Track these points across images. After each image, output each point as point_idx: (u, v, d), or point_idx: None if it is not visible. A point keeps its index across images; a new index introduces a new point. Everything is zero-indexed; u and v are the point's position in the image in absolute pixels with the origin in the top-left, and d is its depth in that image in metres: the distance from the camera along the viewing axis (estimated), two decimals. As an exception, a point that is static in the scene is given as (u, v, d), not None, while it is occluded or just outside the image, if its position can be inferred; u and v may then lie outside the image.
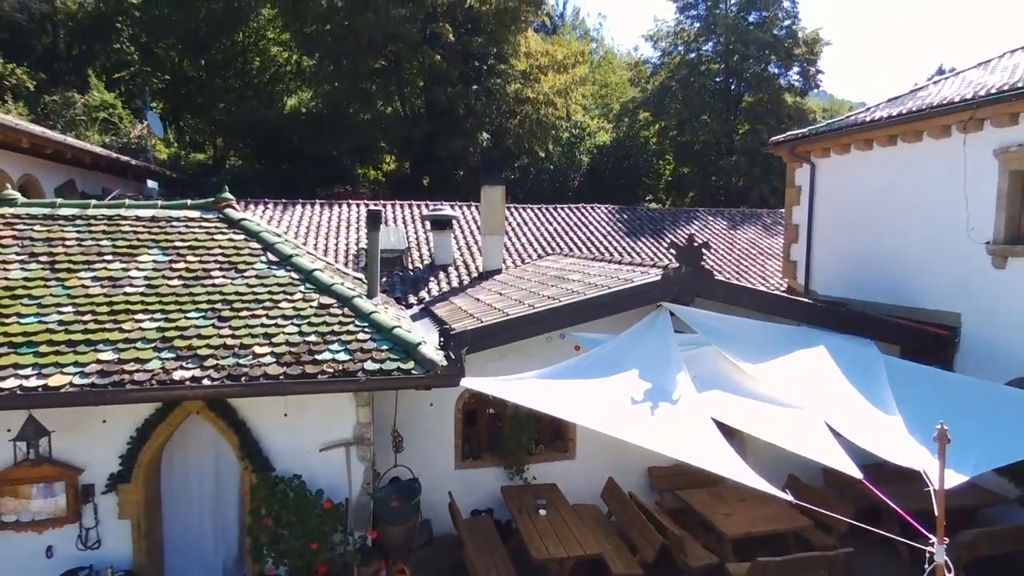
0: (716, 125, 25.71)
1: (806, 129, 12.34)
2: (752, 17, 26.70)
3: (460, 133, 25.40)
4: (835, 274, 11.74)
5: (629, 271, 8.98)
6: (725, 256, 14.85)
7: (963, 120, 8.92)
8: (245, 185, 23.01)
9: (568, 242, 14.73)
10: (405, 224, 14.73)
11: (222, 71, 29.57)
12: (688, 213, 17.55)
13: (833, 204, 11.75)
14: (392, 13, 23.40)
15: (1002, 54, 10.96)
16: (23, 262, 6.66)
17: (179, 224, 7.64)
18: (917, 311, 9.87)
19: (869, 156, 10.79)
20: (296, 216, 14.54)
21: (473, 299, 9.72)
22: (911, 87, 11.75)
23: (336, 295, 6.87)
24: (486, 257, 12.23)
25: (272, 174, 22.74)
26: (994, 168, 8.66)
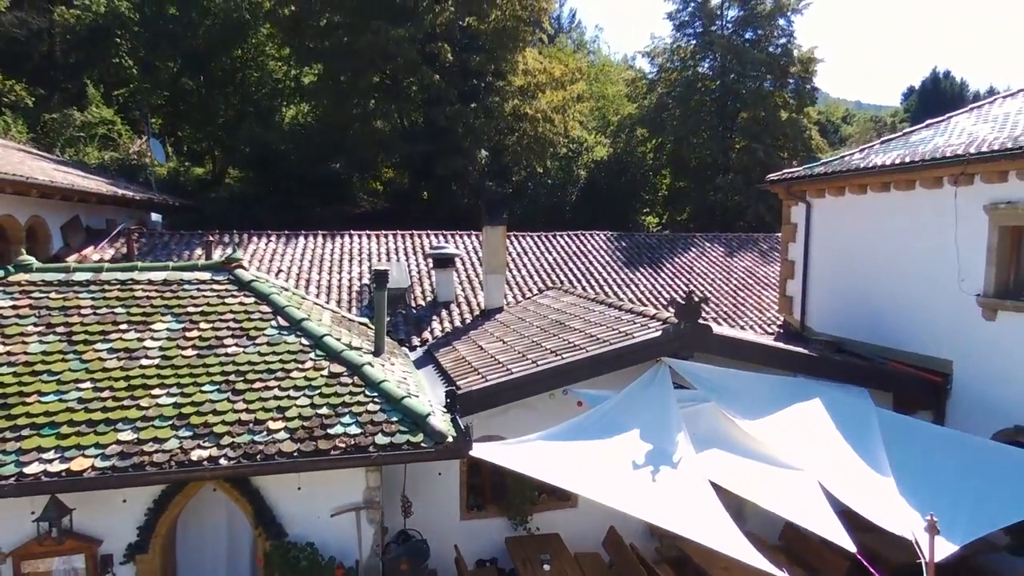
0: (712, 143, 25.94)
1: (801, 169, 12.57)
2: (748, 34, 26.93)
3: (459, 152, 25.60)
4: (831, 312, 11.97)
5: (629, 321, 9.18)
6: (722, 287, 15.07)
7: (954, 174, 9.16)
8: (245, 205, 23.21)
9: (567, 273, 14.93)
10: (407, 255, 14.92)
11: (221, 87, 29.68)
12: (685, 239, 17.77)
13: (828, 243, 11.98)
14: (391, 34, 23.58)
15: (993, 99, 11.23)
16: (41, 334, 6.85)
17: (191, 288, 7.82)
18: (910, 355, 10.11)
19: (863, 200, 11.01)
20: (299, 249, 14.70)
21: (476, 346, 9.92)
22: (903, 131, 12.00)
23: (346, 362, 7.06)
24: (488, 295, 12.43)
25: (272, 195, 22.87)
26: (984, 222, 8.90)
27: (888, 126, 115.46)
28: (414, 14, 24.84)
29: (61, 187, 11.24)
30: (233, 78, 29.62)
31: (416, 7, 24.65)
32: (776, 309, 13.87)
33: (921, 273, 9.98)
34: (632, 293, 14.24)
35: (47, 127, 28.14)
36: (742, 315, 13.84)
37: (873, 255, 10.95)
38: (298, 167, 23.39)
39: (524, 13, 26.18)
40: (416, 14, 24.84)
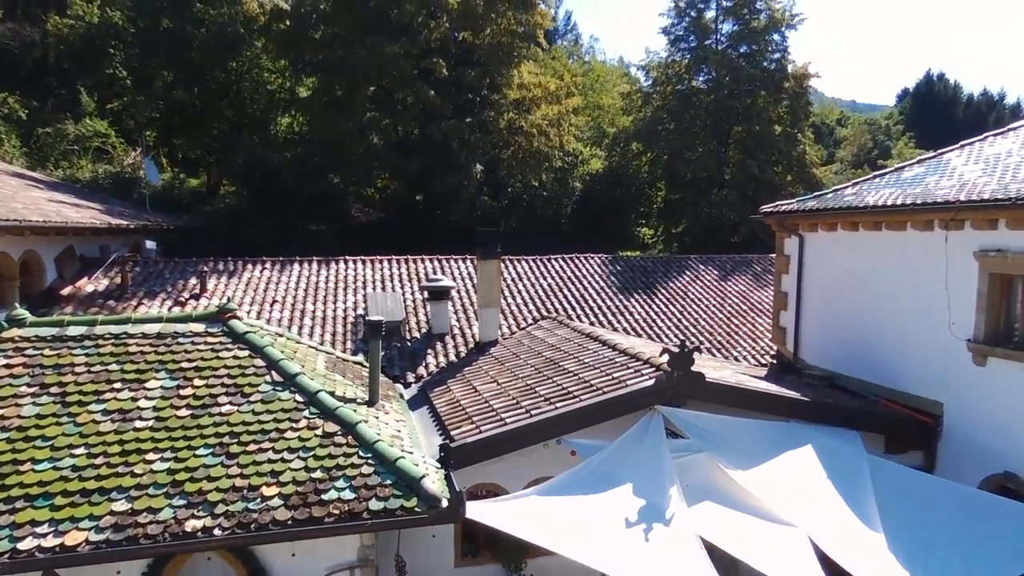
0: (707, 158, 26.00)
1: (794, 202, 12.63)
2: (743, 48, 26.99)
3: (454, 167, 25.61)
4: (823, 345, 12.04)
5: (622, 365, 9.22)
6: (716, 313, 15.13)
7: (945, 219, 9.23)
8: (240, 223, 23.12)
9: (562, 300, 14.98)
10: (401, 283, 14.94)
11: (216, 100, 29.60)
12: (679, 262, 17.83)
13: (821, 277, 12.04)
14: (386, 50, 23.56)
15: (984, 137, 11.30)
16: (35, 395, 6.85)
17: (185, 341, 7.82)
18: (902, 394, 10.18)
19: (855, 236, 11.07)
20: (294, 276, 14.70)
21: (470, 387, 9.95)
22: (895, 166, 12.07)
23: (340, 421, 7.08)
24: (482, 328, 12.47)
25: (267, 212, 22.82)
26: (974, 268, 8.96)
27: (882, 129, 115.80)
28: (409, 30, 24.83)
29: (55, 226, 11.22)
30: (228, 91, 29.54)
31: (411, 23, 24.63)
32: (770, 338, 13.93)
33: (912, 313, 10.04)
34: (626, 322, 14.29)
35: (40, 141, 28.06)
36: (736, 344, 13.91)
37: (865, 291, 11.01)
38: (293, 184, 23.34)
39: (519, 28, 26.21)
40: (411, 29, 24.83)
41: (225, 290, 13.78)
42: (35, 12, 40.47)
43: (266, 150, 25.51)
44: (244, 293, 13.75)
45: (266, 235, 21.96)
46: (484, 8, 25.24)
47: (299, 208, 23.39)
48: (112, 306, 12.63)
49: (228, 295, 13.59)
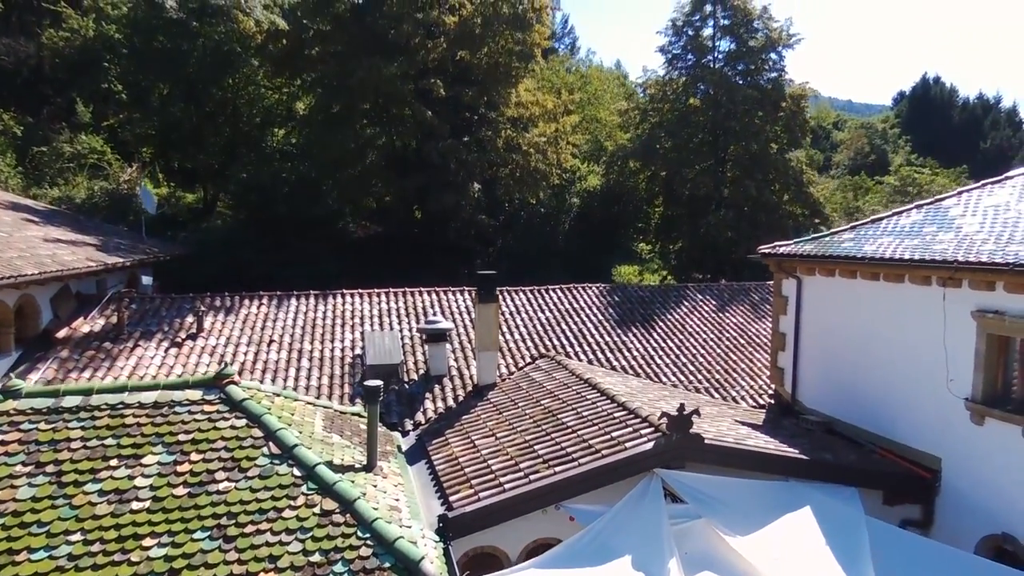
0: (705, 177, 25.99)
1: (791, 244, 12.63)
2: (740, 66, 26.94)
3: (451, 186, 25.58)
4: (822, 389, 12.05)
5: (620, 423, 9.21)
6: (714, 348, 15.13)
7: (942, 277, 9.23)
8: (236, 245, 23.00)
9: (560, 335, 14.97)
10: (399, 318, 14.90)
11: (213, 117, 29.51)
12: (677, 291, 17.82)
13: (819, 320, 12.05)
14: (383, 72, 23.50)
15: (983, 184, 11.32)
16: (30, 475, 6.80)
17: (182, 411, 7.78)
18: (900, 446, 10.20)
19: (853, 284, 11.08)
20: (291, 312, 14.65)
21: (468, 442, 9.92)
22: (891, 211, 12.07)
23: (338, 497, 7.05)
24: (480, 371, 12.45)
25: (264, 235, 22.74)
26: (972, 327, 8.97)
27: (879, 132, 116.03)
28: (407, 49, 24.76)
29: (52, 275, 11.16)
30: (224, 108, 29.45)
31: (408, 43, 24.55)
32: (768, 376, 13.94)
33: (910, 365, 10.05)
34: (624, 360, 14.28)
35: (36, 160, 27.94)
36: (734, 383, 13.91)
37: (863, 338, 11.02)
38: (290, 206, 23.27)
39: (517, 47, 26.16)
40: (409, 49, 24.76)
41: (222, 329, 13.74)
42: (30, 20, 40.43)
43: (262, 169, 25.45)
44: (241, 332, 13.70)
45: (263, 258, 21.91)
46: (482, 28, 25.19)
47: (296, 229, 23.33)
48: (108, 348, 12.57)
49: (225, 335, 13.56)
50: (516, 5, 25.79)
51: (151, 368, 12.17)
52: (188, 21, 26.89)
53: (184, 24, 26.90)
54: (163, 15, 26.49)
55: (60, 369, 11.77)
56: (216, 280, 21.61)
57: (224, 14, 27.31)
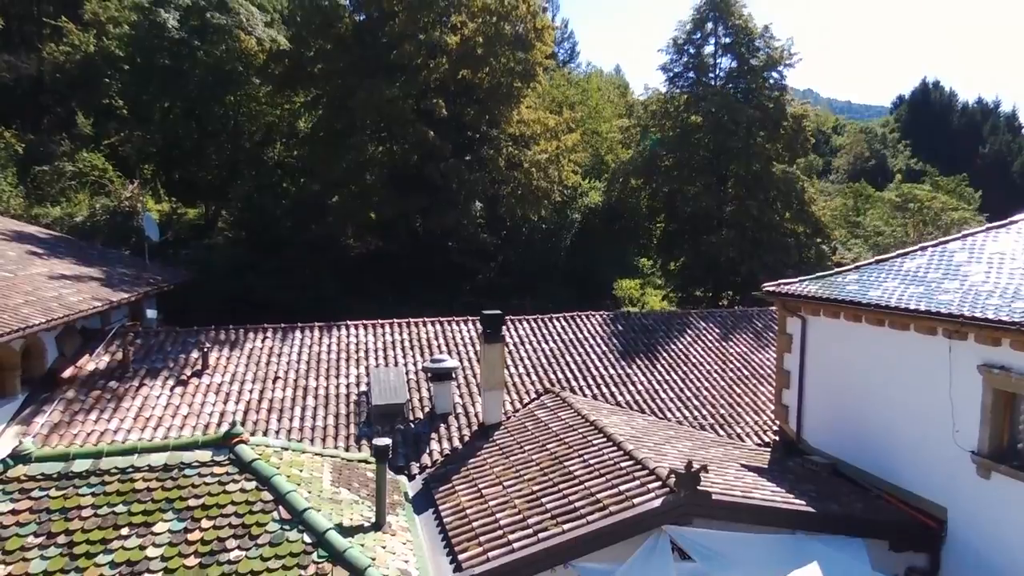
0: (706, 196, 26.04)
1: (796, 282, 12.64)
2: (741, 84, 27.00)
3: (453, 206, 25.61)
4: (827, 429, 12.07)
5: (628, 475, 9.23)
6: (718, 381, 15.16)
7: (949, 329, 9.26)
8: (239, 268, 22.97)
9: (564, 368, 15.01)
10: (403, 351, 14.92)
11: (214, 135, 29.52)
12: (680, 319, 17.85)
13: (824, 361, 12.06)
14: (385, 93, 23.53)
15: (987, 228, 11.35)
16: (42, 546, 6.82)
17: (191, 474, 7.79)
18: (906, 493, 10.21)
19: (858, 328, 11.09)
20: (296, 346, 14.67)
21: (476, 491, 9.93)
22: (898, 252, 12.10)
23: (349, 566, 7.06)
24: (486, 411, 12.47)
25: (266, 257, 22.73)
26: (978, 381, 8.99)
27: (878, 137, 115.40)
28: (408, 69, 24.80)
29: (59, 321, 11.18)
30: (225, 125, 29.45)
31: (410, 63, 24.58)
32: (772, 410, 13.97)
33: (916, 412, 10.07)
34: (629, 394, 14.31)
35: (38, 179, 27.97)
36: (738, 419, 13.94)
37: (868, 383, 11.04)
38: (291, 228, 23.29)
39: (519, 67, 26.19)
40: (410, 69, 24.79)
41: (227, 365, 13.76)
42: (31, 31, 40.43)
43: (263, 189, 25.43)
44: (246, 368, 13.72)
45: (265, 281, 21.93)
46: (484, 49, 25.23)
47: (297, 251, 23.33)
48: (114, 388, 12.59)
49: (231, 371, 13.58)
50: (518, 26, 25.85)
51: (156, 409, 12.18)
52: (190, 40, 26.92)
53: (186, 43, 26.92)
54: (165, 34, 26.52)
55: (66, 411, 11.78)
56: (218, 304, 21.67)
57: (226, 33, 27.35)
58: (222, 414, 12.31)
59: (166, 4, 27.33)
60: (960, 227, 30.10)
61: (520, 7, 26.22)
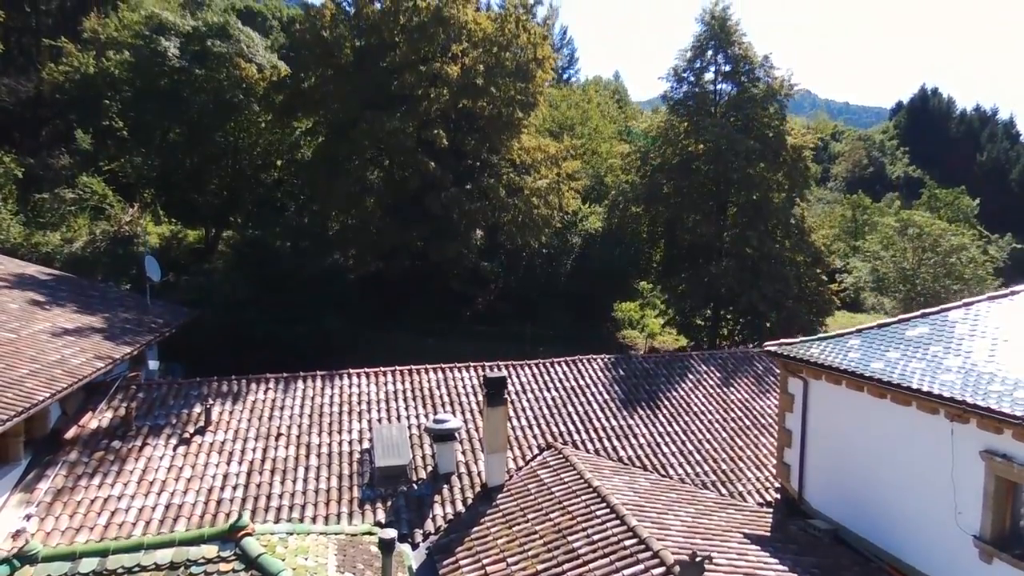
0: (706, 225, 26.07)
1: (798, 343, 12.69)
2: (742, 113, 26.98)
3: (454, 236, 25.64)
4: (829, 492, 12.11)
5: (633, 557, 9.26)
6: (719, 431, 15.20)
7: (951, 412, 9.30)
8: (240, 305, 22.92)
9: (567, 418, 15.03)
10: (406, 403, 14.94)
11: (214, 160, 29.54)
12: (681, 362, 17.90)
13: (826, 425, 12.11)
14: (386, 126, 23.54)
15: (990, 297, 11.40)
16: (50, 659, 6.84)
17: (198, 572, 7.80)
18: (908, 567, 10.26)
19: (861, 397, 11.14)
20: (298, 398, 14.69)
21: (480, 567, 9.97)
22: (899, 318, 12.14)
23: (355, 674, 7.10)
24: (489, 473, 12.49)
25: (267, 293, 22.72)
26: (980, 466, 9.04)
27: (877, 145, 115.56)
28: (409, 99, 24.81)
29: (62, 391, 11.20)
30: (225, 152, 29.46)
31: (410, 93, 24.60)
32: (774, 464, 14.01)
33: (919, 488, 10.12)
34: (631, 447, 14.35)
35: (38, 206, 27.95)
36: (740, 474, 13.98)
37: (871, 451, 11.08)
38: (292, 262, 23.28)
39: (519, 97, 26.23)
40: (411, 99, 24.79)
41: (230, 420, 13.77)
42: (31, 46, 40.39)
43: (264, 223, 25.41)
44: (249, 423, 13.73)
45: (266, 316, 21.93)
46: (485, 79, 25.26)
47: (298, 285, 23.30)
48: (117, 448, 12.59)
49: (233, 427, 13.59)
50: (519, 55, 25.88)
51: (160, 472, 12.18)
52: (191, 68, 26.92)
53: (186, 71, 26.92)
54: (166, 63, 26.52)
55: (69, 475, 11.78)
56: (220, 338, 21.68)
57: (226, 61, 27.35)
58: (225, 476, 12.32)
59: (167, 32, 27.36)
60: (958, 252, 30.21)
61: (521, 36, 26.28)
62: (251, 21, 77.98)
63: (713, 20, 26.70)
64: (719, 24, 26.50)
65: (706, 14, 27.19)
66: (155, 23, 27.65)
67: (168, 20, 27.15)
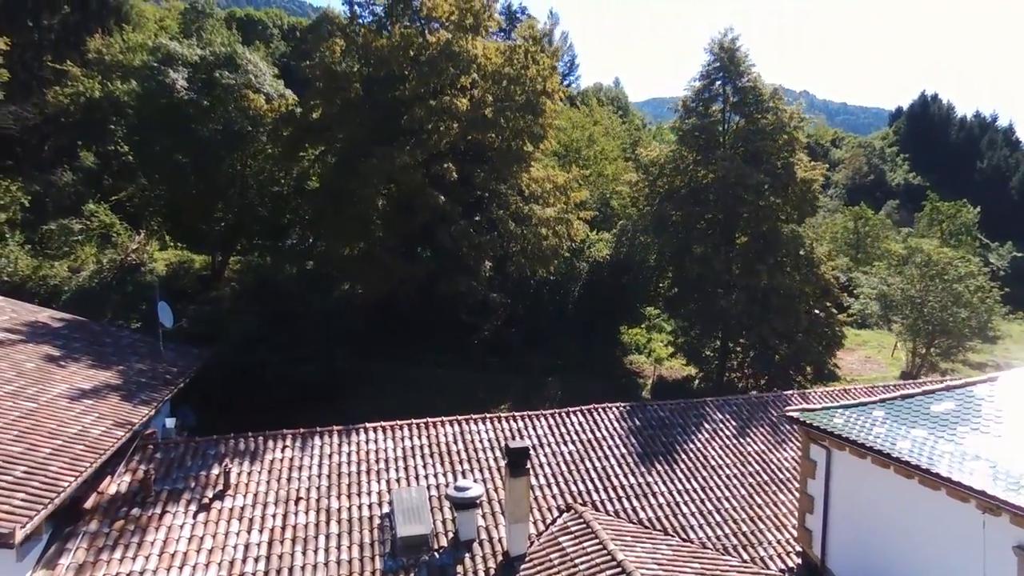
0: (714, 258, 26.00)
1: (820, 410, 12.67)
2: (751, 145, 26.91)
3: (464, 270, 25.61)
4: (853, 564, 12.09)
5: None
6: (738, 489, 15.16)
7: (982, 505, 9.28)
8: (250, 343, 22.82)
9: (585, 475, 14.98)
10: (423, 459, 14.89)
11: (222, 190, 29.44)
12: (696, 410, 17.87)
13: (850, 495, 12.10)
14: (396, 161, 23.48)
15: (1014, 370, 11.36)
16: None
17: None
18: (935, 651, 10.24)
19: (887, 474, 11.12)
20: (315, 455, 14.62)
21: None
22: (923, 389, 12.12)
23: None
24: (511, 542, 12.46)
25: (278, 330, 22.64)
26: (1013, 562, 9.02)
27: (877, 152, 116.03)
28: (418, 134, 24.77)
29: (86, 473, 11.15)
30: (233, 182, 29.36)
31: (420, 128, 24.55)
32: (794, 525, 13.98)
33: (947, 572, 10.09)
34: (650, 507, 14.32)
35: (45, 237, 27.90)
36: (761, 537, 13.94)
37: (898, 527, 11.07)
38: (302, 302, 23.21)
39: (528, 128, 26.21)
40: (420, 132, 24.74)
41: (248, 482, 13.71)
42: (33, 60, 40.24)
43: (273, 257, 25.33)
44: (267, 486, 13.66)
45: (277, 355, 21.86)
46: (494, 112, 25.23)
47: (308, 321, 23.22)
48: (136, 517, 12.51)
49: (252, 491, 13.54)
50: (527, 89, 25.85)
51: (180, 543, 12.11)
52: (199, 101, 26.83)
53: (195, 103, 26.82)
54: (174, 96, 26.43)
55: (91, 548, 11.69)
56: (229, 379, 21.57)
57: (235, 91, 27.27)
58: (246, 546, 12.25)
59: (174, 63, 27.27)
60: (965, 280, 30.24)
61: (531, 68, 26.25)
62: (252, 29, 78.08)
63: (722, 52, 26.69)
64: (728, 56, 26.48)
65: (715, 45, 27.19)
66: (162, 54, 27.54)
67: (176, 51, 27.04)
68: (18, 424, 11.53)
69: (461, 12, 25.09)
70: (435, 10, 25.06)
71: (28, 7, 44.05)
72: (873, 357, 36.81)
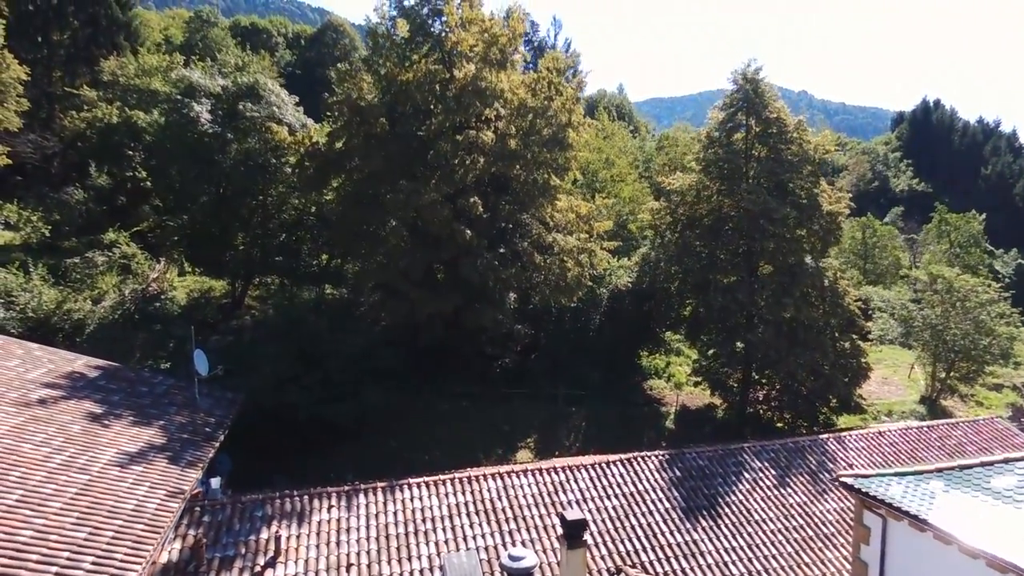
0: (740, 291, 25.87)
1: (874, 476, 12.62)
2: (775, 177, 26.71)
3: (490, 304, 25.55)
4: (908, 634, 12.08)
5: None
6: (783, 547, 15.18)
7: (1057, 597, 9.27)
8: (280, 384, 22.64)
9: (631, 532, 15.01)
10: (468, 517, 14.88)
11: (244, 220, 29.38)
12: (735, 457, 17.87)
13: (907, 569, 12.05)
14: (423, 198, 23.40)
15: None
16: None
17: None
18: None
19: (949, 550, 11.10)
20: (362, 516, 14.60)
21: None
22: (980, 460, 12.10)
23: None
24: (568, 615, 12.45)
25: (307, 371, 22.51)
26: (1090, 656, 9.02)
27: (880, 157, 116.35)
28: (443, 167, 24.69)
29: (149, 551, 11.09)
30: (255, 212, 29.30)
31: (447, 163, 24.48)
32: (842, 586, 14.00)
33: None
34: (699, 569, 14.35)
35: (68, 270, 27.82)
36: (810, 598, 13.96)
37: (958, 604, 11.04)
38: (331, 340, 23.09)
39: (555, 160, 26.17)
40: (447, 167, 24.66)
41: (298, 547, 13.69)
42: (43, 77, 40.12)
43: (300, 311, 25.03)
44: (318, 551, 13.65)
45: (307, 396, 21.77)
46: (519, 145, 25.18)
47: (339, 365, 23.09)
48: (191, 588, 12.51)
49: (303, 557, 13.52)
50: (552, 122, 25.80)
51: (238, 617, 12.11)
52: (223, 133, 26.77)
53: (219, 136, 26.77)
54: (197, 128, 26.38)
55: (148, 624, 11.69)
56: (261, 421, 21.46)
57: (258, 124, 27.21)
58: (302, 620, 12.25)
59: (196, 94, 27.22)
60: (987, 307, 30.27)
61: (555, 101, 26.20)
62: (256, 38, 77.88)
63: (746, 83, 26.63)
64: (752, 88, 26.43)
65: (738, 75, 27.12)
66: (185, 84, 27.49)
67: (199, 82, 26.97)
68: (77, 503, 11.48)
69: (486, 45, 25.03)
70: (460, 44, 24.99)
71: (37, 24, 44.06)
72: (890, 378, 36.79)
